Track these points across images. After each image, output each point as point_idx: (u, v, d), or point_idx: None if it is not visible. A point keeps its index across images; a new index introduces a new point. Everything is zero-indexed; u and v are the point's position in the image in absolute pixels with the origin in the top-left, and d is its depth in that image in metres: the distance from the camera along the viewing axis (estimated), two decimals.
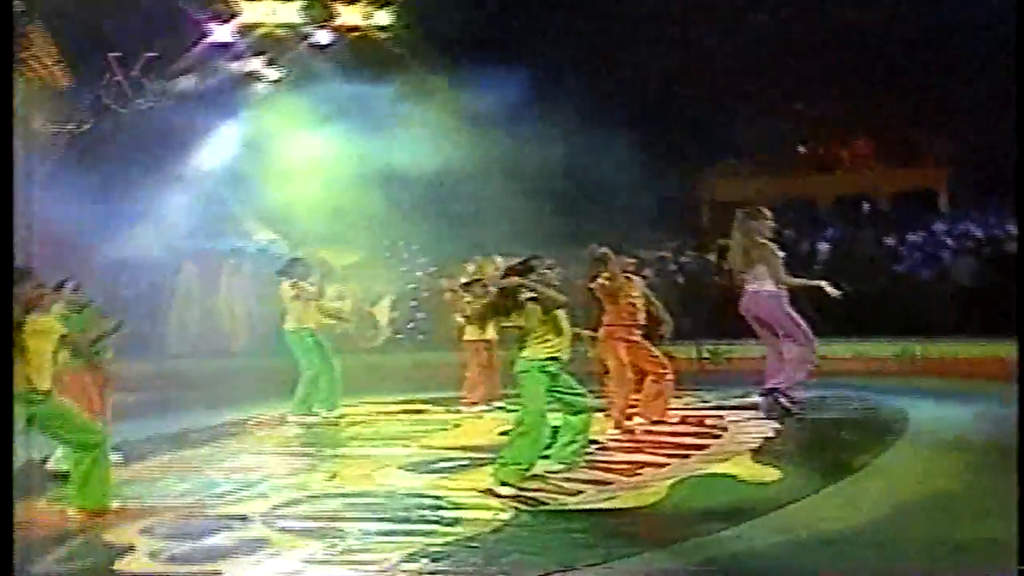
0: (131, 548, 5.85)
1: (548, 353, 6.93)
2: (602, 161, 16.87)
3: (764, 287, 8.87)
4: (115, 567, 5.54)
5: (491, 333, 10.83)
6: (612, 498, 6.49)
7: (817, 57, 19.39)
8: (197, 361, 15.82)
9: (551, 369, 6.94)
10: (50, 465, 7.79)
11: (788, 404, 8.95)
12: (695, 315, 14.17)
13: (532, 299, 6.92)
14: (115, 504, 6.76)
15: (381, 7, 18.30)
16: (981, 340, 11.74)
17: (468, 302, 10.93)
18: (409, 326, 17.22)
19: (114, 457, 8.35)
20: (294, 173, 17.11)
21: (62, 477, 7.13)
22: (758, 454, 7.55)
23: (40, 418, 6.49)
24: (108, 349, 8.62)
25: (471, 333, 10.90)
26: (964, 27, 16.93)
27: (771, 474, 6.90)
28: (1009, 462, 6.74)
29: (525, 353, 7.02)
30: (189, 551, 5.74)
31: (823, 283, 9.00)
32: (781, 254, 9.02)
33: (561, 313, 7.01)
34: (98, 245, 15.05)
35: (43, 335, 6.55)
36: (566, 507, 6.30)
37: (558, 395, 7.04)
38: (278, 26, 18.12)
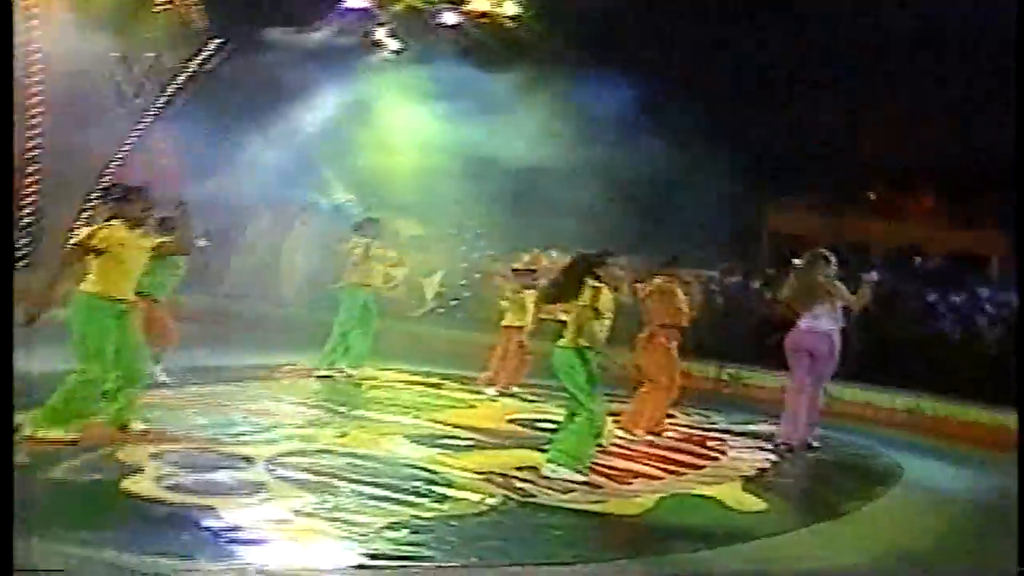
0: (139, 470, 5.86)
1: (586, 343, 6.84)
2: (686, 179, 16.68)
3: (820, 323, 8.85)
4: (121, 485, 5.55)
5: (529, 322, 10.74)
6: (600, 502, 6.39)
7: (905, 108, 18.93)
8: (250, 303, 15.91)
9: (588, 358, 6.85)
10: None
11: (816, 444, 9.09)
12: (725, 337, 13.98)
13: (594, 286, 6.86)
14: (140, 426, 6.80)
15: None
16: (991, 408, 11.42)
17: (513, 288, 10.86)
18: (452, 302, 17.18)
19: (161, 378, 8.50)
20: (389, 142, 17.08)
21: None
22: (750, 483, 7.42)
23: (116, 327, 6.53)
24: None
25: (510, 319, 10.81)
26: None
27: (757, 504, 6.79)
28: (995, 527, 6.58)
29: (562, 342, 6.95)
30: (191, 482, 5.73)
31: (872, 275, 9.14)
32: None
33: (609, 309, 6.95)
34: (195, 179, 15.19)
35: (139, 249, 6.66)
36: (553, 503, 6.20)
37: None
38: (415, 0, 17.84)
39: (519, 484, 6.48)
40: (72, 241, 6.67)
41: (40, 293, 6.22)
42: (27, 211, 15.74)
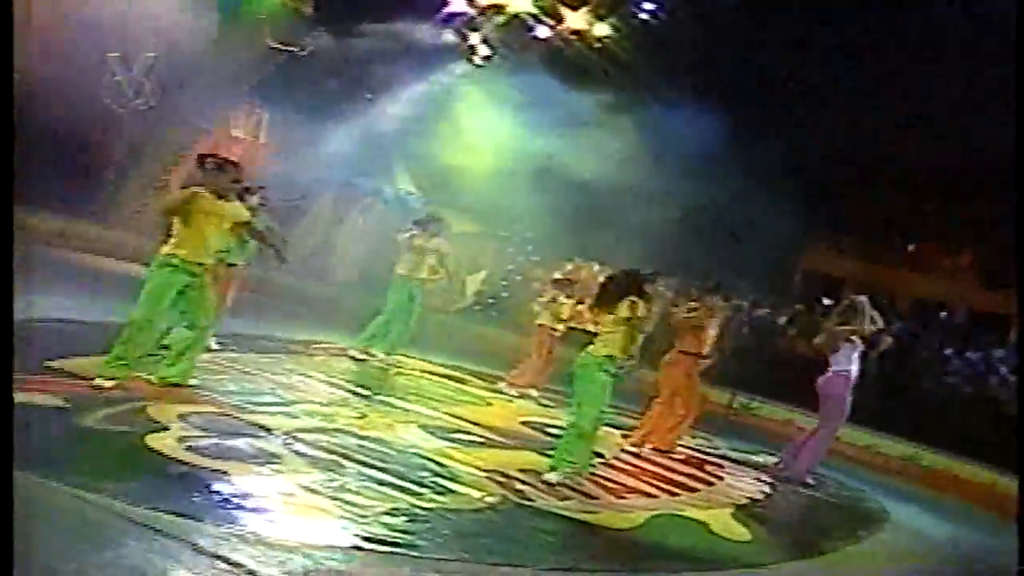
0: (165, 428, 5.83)
1: (608, 352, 6.73)
2: (741, 212, 16.47)
3: (839, 365, 8.77)
4: (145, 440, 5.52)
5: (561, 327, 10.67)
6: (593, 512, 6.29)
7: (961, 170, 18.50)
8: (302, 279, 15.90)
9: (609, 368, 6.74)
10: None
11: (811, 481, 8.92)
12: (743, 366, 13.83)
13: (632, 301, 6.74)
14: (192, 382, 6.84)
15: (601, 19, 17.45)
16: (988, 466, 11.16)
17: (552, 295, 10.80)
18: (490, 300, 17.13)
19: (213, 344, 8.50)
20: (463, 143, 17.02)
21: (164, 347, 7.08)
22: (739, 511, 7.29)
23: (190, 288, 6.59)
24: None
25: (545, 318, 10.73)
26: None
27: (742, 534, 6.66)
28: None
29: (591, 348, 6.87)
30: (209, 446, 5.68)
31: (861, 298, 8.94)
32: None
33: (643, 326, 6.86)
34: (270, 154, 15.25)
35: (221, 219, 6.72)
36: (549, 509, 6.10)
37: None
38: (515, 13, 17.44)
39: (519, 486, 6.39)
40: (165, 204, 6.76)
41: None
42: (109, 173, 15.97)
